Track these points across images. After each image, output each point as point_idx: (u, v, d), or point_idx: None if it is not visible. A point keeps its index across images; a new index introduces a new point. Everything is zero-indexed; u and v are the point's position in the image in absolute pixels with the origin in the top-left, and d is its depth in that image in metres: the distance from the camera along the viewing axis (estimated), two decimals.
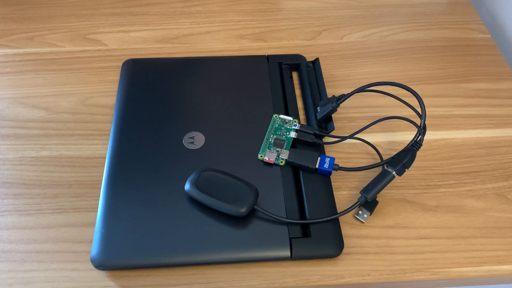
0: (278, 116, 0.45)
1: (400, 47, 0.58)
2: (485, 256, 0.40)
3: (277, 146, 0.43)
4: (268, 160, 0.43)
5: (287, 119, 0.45)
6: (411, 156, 0.41)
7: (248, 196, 0.39)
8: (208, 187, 0.39)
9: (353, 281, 0.38)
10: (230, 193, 0.39)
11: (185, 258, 0.38)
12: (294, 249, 0.38)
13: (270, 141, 0.43)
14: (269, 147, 0.43)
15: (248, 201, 0.39)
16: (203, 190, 0.39)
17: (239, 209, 0.38)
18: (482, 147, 0.47)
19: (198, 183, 0.39)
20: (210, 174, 0.40)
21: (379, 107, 0.50)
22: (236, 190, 0.39)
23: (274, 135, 0.44)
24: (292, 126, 0.45)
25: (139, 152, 0.44)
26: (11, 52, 0.55)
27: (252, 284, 0.38)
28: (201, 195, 0.39)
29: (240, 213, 0.38)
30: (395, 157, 0.41)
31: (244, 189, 0.39)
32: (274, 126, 0.45)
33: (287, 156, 0.42)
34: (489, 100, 0.52)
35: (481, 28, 0.60)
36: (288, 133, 0.44)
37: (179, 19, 0.61)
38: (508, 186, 0.44)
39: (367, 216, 0.41)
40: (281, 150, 0.43)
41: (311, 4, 0.63)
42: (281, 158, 0.43)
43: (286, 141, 0.44)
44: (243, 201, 0.39)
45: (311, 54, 0.56)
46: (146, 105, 0.48)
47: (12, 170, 0.44)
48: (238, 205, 0.38)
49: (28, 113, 0.49)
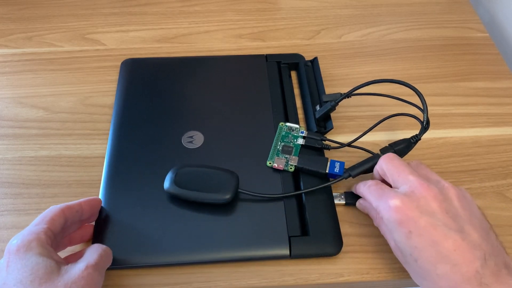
0: (285, 124, 0.46)
1: (398, 46, 0.58)
2: None
3: (285, 153, 0.44)
4: (278, 167, 0.43)
5: (293, 127, 0.46)
6: (405, 145, 0.41)
7: (229, 182, 0.39)
8: (188, 183, 0.39)
9: (352, 280, 0.38)
10: (212, 183, 0.39)
11: (184, 257, 0.38)
12: (293, 247, 0.38)
13: (278, 148, 0.44)
14: (278, 154, 0.44)
15: (231, 186, 0.39)
16: (184, 186, 0.39)
17: (223, 196, 0.39)
18: (480, 145, 0.47)
19: (177, 181, 0.39)
20: (188, 170, 0.40)
21: (378, 106, 0.50)
22: (217, 179, 0.40)
23: (282, 143, 0.44)
24: (299, 133, 0.45)
25: (138, 151, 0.44)
26: (10, 52, 0.55)
27: (251, 282, 0.38)
28: (182, 191, 0.39)
29: (225, 199, 0.39)
30: (389, 145, 0.42)
31: (225, 176, 0.40)
32: (281, 134, 0.45)
33: (297, 162, 0.43)
34: (488, 98, 0.52)
35: (479, 27, 0.60)
36: (295, 140, 0.45)
37: (178, 19, 0.61)
38: (506, 185, 0.44)
39: (343, 202, 0.42)
40: (290, 156, 0.43)
41: (310, 3, 0.64)
42: (291, 165, 0.43)
43: (294, 147, 0.44)
44: (226, 187, 0.39)
45: (309, 53, 0.56)
46: (145, 105, 0.48)
47: (11, 170, 0.44)
48: (222, 192, 0.39)
49: (27, 113, 0.49)
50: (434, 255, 0.32)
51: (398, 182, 0.36)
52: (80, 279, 0.30)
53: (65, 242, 0.37)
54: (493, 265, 0.31)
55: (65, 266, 0.31)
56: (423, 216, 0.32)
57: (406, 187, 0.35)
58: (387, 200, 0.34)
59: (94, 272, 0.31)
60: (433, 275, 0.32)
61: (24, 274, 0.29)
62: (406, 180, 0.35)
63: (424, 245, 0.32)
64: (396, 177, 0.36)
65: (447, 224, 0.32)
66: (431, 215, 0.32)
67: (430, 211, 0.33)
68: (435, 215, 0.32)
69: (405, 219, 0.33)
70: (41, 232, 0.32)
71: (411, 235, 0.32)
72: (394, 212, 0.33)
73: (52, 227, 0.33)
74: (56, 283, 0.29)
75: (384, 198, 0.35)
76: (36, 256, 0.30)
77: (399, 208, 0.33)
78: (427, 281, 0.33)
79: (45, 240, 0.31)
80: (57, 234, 0.33)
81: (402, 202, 0.33)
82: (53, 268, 0.30)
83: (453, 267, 0.31)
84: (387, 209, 0.34)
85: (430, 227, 0.32)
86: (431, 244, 0.32)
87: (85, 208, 0.36)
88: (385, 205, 0.34)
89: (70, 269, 0.31)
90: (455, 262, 0.31)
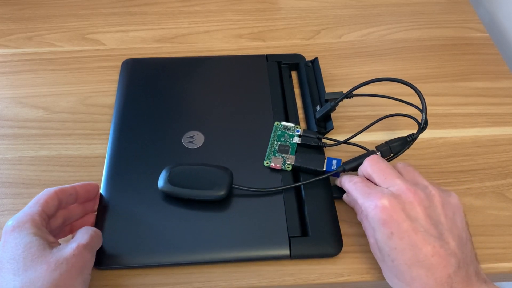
0: (280, 124, 0.46)
1: (398, 46, 0.58)
2: (483, 254, 0.40)
3: (282, 152, 0.44)
4: (275, 166, 0.43)
5: (289, 126, 0.46)
6: (400, 143, 0.41)
7: (223, 178, 0.39)
8: (182, 181, 0.40)
9: (352, 279, 0.38)
10: (206, 180, 0.39)
11: (185, 257, 0.38)
12: (293, 248, 0.38)
13: (274, 148, 0.44)
14: (274, 153, 0.44)
15: (225, 183, 0.39)
16: (178, 184, 0.39)
17: (218, 192, 0.39)
18: (480, 145, 0.47)
19: (171, 179, 0.40)
20: (181, 169, 0.40)
21: (377, 106, 0.50)
22: (211, 176, 0.40)
23: (278, 142, 0.44)
24: (294, 132, 0.45)
25: (138, 151, 0.44)
26: (10, 52, 0.55)
27: (251, 282, 0.38)
28: (176, 189, 0.39)
29: (220, 196, 0.39)
30: (386, 142, 0.42)
31: (219, 173, 0.40)
32: (277, 133, 0.45)
33: (294, 161, 0.43)
34: (487, 98, 0.52)
35: (479, 27, 0.60)
36: (291, 139, 0.45)
37: (178, 19, 0.61)
38: (506, 184, 0.44)
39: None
40: (287, 155, 0.43)
41: (310, 3, 0.64)
42: (288, 164, 0.43)
43: (291, 146, 0.44)
44: (220, 184, 0.39)
45: (309, 53, 0.56)
46: (145, 105, 0.48)
47: (11, 170, 0.44)
48: (217, 189, 0.39)
49: (27, 112, 0.49)
50: (412, 258, 0.32)
51: (384, 185, 0.36)
52: (72, 257, 0.32)
53: (66, 230, 0.38)
54: (464, 273, 0.32)
55: (58, 245, 0.33)
56: (407, 220, 0.33)
57: (394, 189, 0.35)
58: (374, 199, 0.34)
59: (85, 251, 0.33)
60: (407, 277, 0.33)
61: (18, 251, 0.31)
62: (393, 184, 0.35)
63: (404, 247, 0.33)
64: (383, 180, 0.36)
65: (428, 230, 0.33)
66: (414, 220, 0.33)
67: (414, 216, 0.33)
68: (418, 220, 0.33)
69: (389, 220, 0.33)
70: (35, 214, 0.33)
71: (392, 236, 0.33)
72: (380, 212, 0.34)
73: (46, 209, 0.34)
74: (48, 259, 0.31)
75: (372, 197, 0.35)
76: (30, 235, 0.32)
77: (385, 208, 0.34)
78: (400, 281, 0.33)
79: (39, 221, 0.33)
80: (51, 216, 0.35)
81: (389, 203, 0.34)
82: (45, 246, 0.31)
83: (427, 271, 0.32)
84: (372, 207, 0.34)
85: (411, 231, 0.33)
86: (410, 247, 0.32)
87: (80, 192, 0.37)
88: (371, 204, 0.34)
89: (62, 248, 0.32)
90: (430, 267, 0.32)
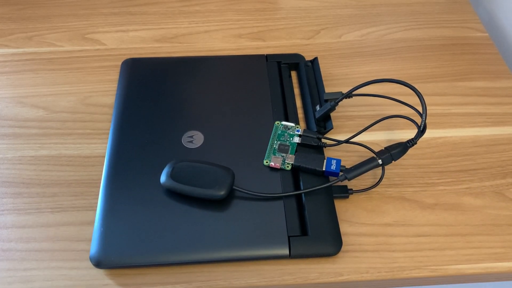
0: (280, 123, 0.46)
1: (398, 46, 0.58)
2: (483, 254, 0.40)
3: (281, 151, 0.44)
4: (274, 165, 0.43)
5: (289, 125, 0.46)
6: (401, 149, 0.41)
7: (225, 178, 0.40)
8: (184, 177, 0.40)
9: (352, 279, 0.38)
10: (207, 179, 0.40)
11: (185, 256, 0.38)
12: (292, 247, 0.38)
13: (274, 147, 0.44)
14: (274, 152, 0.44)
15: (226, 183, 0.39)
16: (179, 180, 0.39)
17: (218, 192, 0.39)
18: (480, 145, 0.48)
19: (173, 175, 0.40)
20: (184, 165, 0.41)
21: (378, 106, 0.50)
22: (212, 175, 0.40)
23: (278, 141, 0.44)
24: (295, 131, 0.45)
25: (138, 151, 0.44)
26: (10, 52, 0.56)
27: (251, 281, 0.38)
28: (178, 185, 0.39)
29: (219, 195, 0.39)
30: (386, 148, 0.42)
31: (220, 172, 0.40)
32: (277, 132, 0.45)
33: (293, 161, 0.43)
34: (487, 98, 0.52)
35: (478, 27, 0.60)
36: (291, 138, 0.45)
37: (178, 19, 0.61)
38: (505, 184, 0.44)
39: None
40: (286, 155, 0.43)
41: (310, 3, 0.64)
42: (287, 163, 0.43)
43: (291, 146, 0.44)
44: (221, 184, 0.39)
45: (309, 53, 0.56)
46: (145, 104, 0.48)
47: (11, 169, 0.44)
48: (217, 188, 0.39)
49: (27, 112, 0.49)
50: None
51: None
52: None
53: None
54: None
55: None
56: None
57: None
58: None
59: None
60: None
61: None
62: None
63: None
64: None
65: None
66: None
67: None
68: None
69: None
70: None
71: None
72: None
73: None
74: None
75: None
76: None
77: None
78: None
79: None
80: None
81: None
82: None
83: None
84: None
85: None
86: None
87: None
88: None
89: None
90: None
